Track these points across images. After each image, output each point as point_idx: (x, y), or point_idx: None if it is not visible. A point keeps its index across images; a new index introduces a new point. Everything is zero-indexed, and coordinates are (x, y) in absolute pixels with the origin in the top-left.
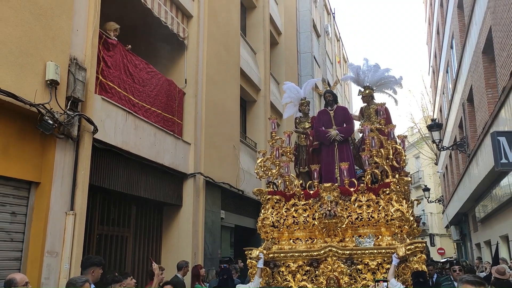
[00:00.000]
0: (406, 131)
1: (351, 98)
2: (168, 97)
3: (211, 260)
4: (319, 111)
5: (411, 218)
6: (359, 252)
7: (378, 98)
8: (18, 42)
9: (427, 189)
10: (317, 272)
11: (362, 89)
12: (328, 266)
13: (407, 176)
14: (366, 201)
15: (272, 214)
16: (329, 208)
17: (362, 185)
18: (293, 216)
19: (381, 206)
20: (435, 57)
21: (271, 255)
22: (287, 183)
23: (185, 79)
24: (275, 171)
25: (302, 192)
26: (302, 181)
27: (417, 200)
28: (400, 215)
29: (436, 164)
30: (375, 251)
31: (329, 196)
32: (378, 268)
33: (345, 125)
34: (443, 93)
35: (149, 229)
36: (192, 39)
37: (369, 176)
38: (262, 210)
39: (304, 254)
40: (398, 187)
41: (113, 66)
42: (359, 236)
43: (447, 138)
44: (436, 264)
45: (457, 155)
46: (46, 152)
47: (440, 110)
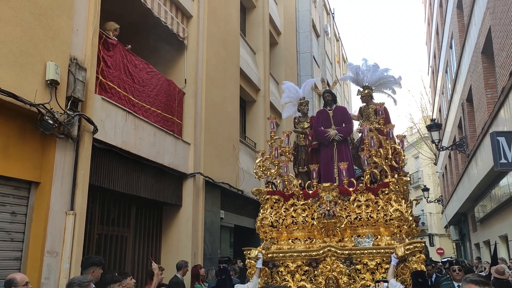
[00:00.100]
0: (406, 131)
1: (350, 98)
2: (168, 97)
3: (210, 260)
4: (318, 111)
5: (410, 218)
6: (358, 252)
7: (377, 98)
8: (18, 42)
9: (426, 189)
10: (316, 272)
11: (361, 89)
12: (327, 266)
13: (406, 176)
14: (365, 201)
15: (271, 214)
16: (328, 208)
17: (361, 185)
18: (292, 216)
19: (380, 206)
20: (435, 57)
21: (270, 255)
22: (286, 183)
23: (185, 79)
24: (274, 171)
25: (301, 192)
26: (301, 181)
27: (416, 200)
28: (399, 215)
29: (435, 164)
30: (374, 251)
31: (328, 196)
32: (377, 268)
33: (344, 125)
34: (443, 93)
35: (149, 229)
36: (192, 39)
37: (368, 176)
38: (261, 210)
39: (303, 254)
40: (397, 187)
41: (113, 66)
42: (358, 236)
43: (447, 138)
44: (436, 264)
45: (456, 155)
46: (46, 152)
47: (440, 110)
